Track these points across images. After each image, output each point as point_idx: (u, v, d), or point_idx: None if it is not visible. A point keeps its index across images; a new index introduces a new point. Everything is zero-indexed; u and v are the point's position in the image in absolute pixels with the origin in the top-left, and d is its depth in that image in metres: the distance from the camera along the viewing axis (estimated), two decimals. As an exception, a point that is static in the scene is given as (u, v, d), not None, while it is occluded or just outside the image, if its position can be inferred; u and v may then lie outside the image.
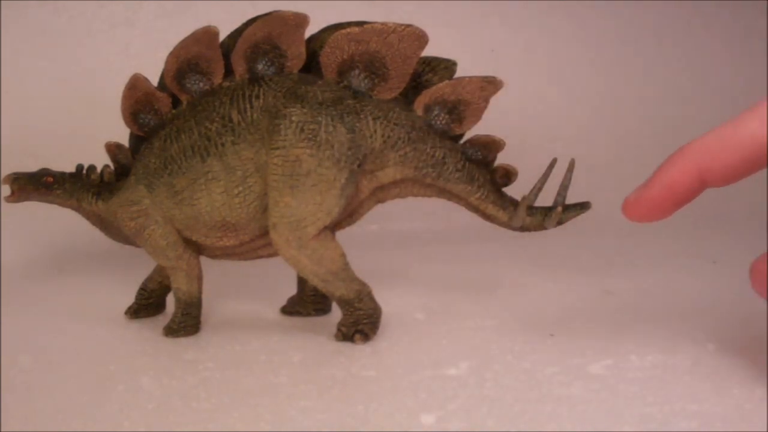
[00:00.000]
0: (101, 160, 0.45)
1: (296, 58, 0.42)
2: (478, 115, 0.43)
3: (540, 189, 0.44)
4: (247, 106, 0.41)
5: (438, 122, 0.43)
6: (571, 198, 0.44)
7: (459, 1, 0.80)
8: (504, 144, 0.43)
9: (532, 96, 0.81)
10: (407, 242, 0.66)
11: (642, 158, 0.84)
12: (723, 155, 0.33)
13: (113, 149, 0.45)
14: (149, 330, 0.45)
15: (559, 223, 0.44)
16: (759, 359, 0.39)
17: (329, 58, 0.41)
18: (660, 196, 0.34)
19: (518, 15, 0.83)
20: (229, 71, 0.42)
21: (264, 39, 0.41)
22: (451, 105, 0.42)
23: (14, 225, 0.62)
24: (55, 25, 0.70)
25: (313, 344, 0.43)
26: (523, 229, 0.45)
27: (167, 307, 0.48)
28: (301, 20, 0.41)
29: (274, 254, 0.44)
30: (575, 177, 0.44)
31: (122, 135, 0.45)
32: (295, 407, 0.35)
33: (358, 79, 0.42)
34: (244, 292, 0.51)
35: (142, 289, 0.48)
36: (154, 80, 0.43)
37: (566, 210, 0.44)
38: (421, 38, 0.41)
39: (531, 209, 0.44)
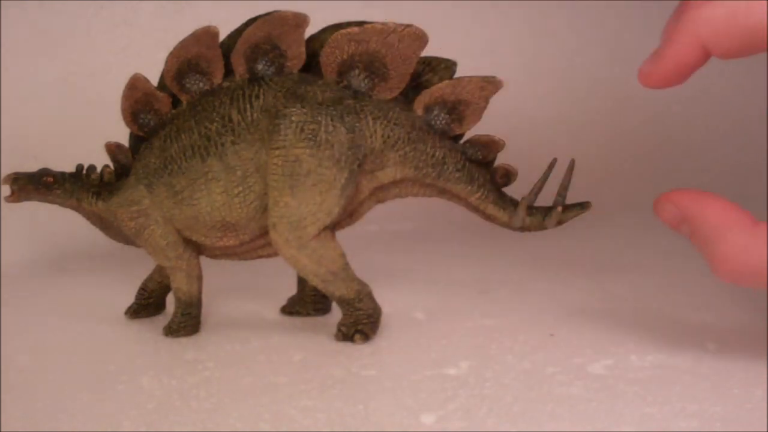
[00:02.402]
0: (101, 160, 0.45)
1: (296, 58, 0.42)
2: (478, 115, 0.43)
3: (540, 189, 0.44)
4: (247, 106, 0.42)
5: (438, 122, 0.43)
6: (571, 198, 0.44)
7: (459, 1, 0.80)
8: (504, 144, 0.43)
9: (532, 96, 0.81)
10: (407, 242, 0.66)
11: (642, 158, 0.84)
12: (727, 39, 0.34)
13: (113, 149, 0.45)
14: (149, 330, 0.45)
15: (559, 223, 0.44)
16: (759, 359, 0.39)
17: (329, 58, 0.41)
18: (672, 69, 0.36)
19: (518, 15, 0.83)
20: (229, 71, 0.42)
21: (264, 39, 0.41)
22: (451, 105, 0.42)
23: (14, 225, 0.62)
24: (55, 25, 0.70)
25: (313, 344, 0.43)
26: (523, 229, 0.45)
27: (167, 307, 0.48)
28: (301, 20, 0.41)
29: (274, 254, 0.44)
30: (575, 177, 0.44)
31: (122, 135, 0.45)
32: (295, 407, 0.35)
33: (358, 79, 0.42)
34: (244, 292, 0.51)
35: (142, 289, 0.48)
36: (154, 80, 0.43)
37: (566, 210, 0.44)
38: (421, 38, 0.41)
39: (531, 209, 0.44)
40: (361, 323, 0.43)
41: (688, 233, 0.37)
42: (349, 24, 0.41)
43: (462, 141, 0.44)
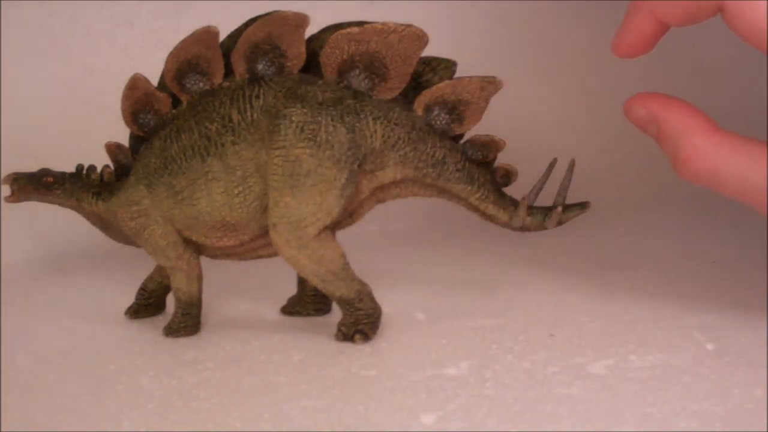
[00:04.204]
0: (101, 160, 0.45)
1: (296, 58, 0.42)
2: (478, 115, 0.43)
3: (540, 189, 0.44)
4: (247, 106, 0.42)
5: (438, 122, 0.43)
6: (571, 198, 0.44)
7: (459, 1, 0.80)
8: (504, 144, 0.43)
9: (532, 96, 0.81)
10: (407, 242, 0.66)
11: (641, 158, 0.84)
12: (674, 8, 0.38)
13: (113, 149, 0.45)
14: (149, 330, 0.45)
15: (560, 223, 0.44)
16: (759, 359, 0.39)
17: (329, 58, 0.41)
18: (635, 41, 0.41)
19: (518, 15, 0.83)
20: (229, 71, 0.42)
21: (264, 39, 0.41)
22: (451, 105, 0.42)
23: (14, 225, 0.62)
24: (55, 25, 0.70)
25: (313, 344, 0.43)
26: (524, 229, 0.45)
27: (167, 307, 0.48)
28: (301, 20, 0.41)
29: (274, 254, 0.44)
30: (575, 177, 0.44)
31: (122, 135, 0.45)
32: (295, 407, 0.35)
33: (358, 79, 0.42)
34: (244, 292, 0.51)
35: (142, 289, 0.48)
36: (154, 80, 0.43)
37: (566, 210, 0.44)
38: (421, 38, 0.41)
39: (531, 209, 0.44)
40: (361, 323, 0.43)
41: (655, 134, 0.41)
42: (349, 24, 0.41)
43: (462, 141, 0.44)
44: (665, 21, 0.39)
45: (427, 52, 0.42)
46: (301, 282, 0.48)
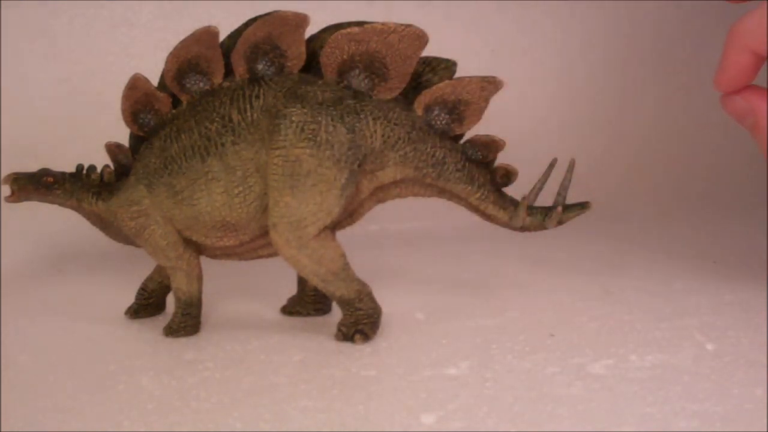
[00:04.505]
0: (101, 160, 0.46)
1: (296, 58, 0.42)
2: (478, 115, 0.43)
3: (540, 189, 0.44)
4: (247, 106, 0.42)
5: (438, 122, 0.43)
6: (572, 198, 0.44)
7: (459, 0, 0.80)
8: (504, 144, 0.43)
9: (532, 96, 0.81)
10: (407, 242, 0.66)
11: (641, 158, 0.85)
12: (764, 39, 0.39)
13: (113, 149, 0.45)
14: (149, 330, 0.46)
15: (560, 223, 0.44)
16: (759, 359, 0.39)
17: (329, 58, 0.41)
18: (735, 75, 0.41)
19: (518, 15, 0.83)
20: (229, 71, 0.42)
21: (264, 39, 0.41)
22: (452, 105, 0.42)
23: (14, 225, 0.62)
24: (55, 25, 0.70)
25: (313, 344, 0.43)
26: (524, 229, 0.45)
27: (167, 307, 0.48)
28: (301, 20, 0.41)
29: (274, 254, 0.44)
30: (575, 177, 0.44)
31: (122, 135, 0.45)
32: (295, 407, 0.35)
33: (358, 79, 0.42)
34: (244, 292, 0.51)
35: (142, 289, 0.48)
36: (154, 80, 0.43)
37: (566, 210, 0.44)
38: (421, 38, 0.41)
39: (531, 209, 0.44)
40: (361, 323, 0.43)
41: (750, 126, 0.41)
42: (349, 24, 0.41)
43: (462, 141, 0.44)
44: (760, 53, 0.39)
45: (427, 52, 0.42)
46: (301, 282, 0.48)
